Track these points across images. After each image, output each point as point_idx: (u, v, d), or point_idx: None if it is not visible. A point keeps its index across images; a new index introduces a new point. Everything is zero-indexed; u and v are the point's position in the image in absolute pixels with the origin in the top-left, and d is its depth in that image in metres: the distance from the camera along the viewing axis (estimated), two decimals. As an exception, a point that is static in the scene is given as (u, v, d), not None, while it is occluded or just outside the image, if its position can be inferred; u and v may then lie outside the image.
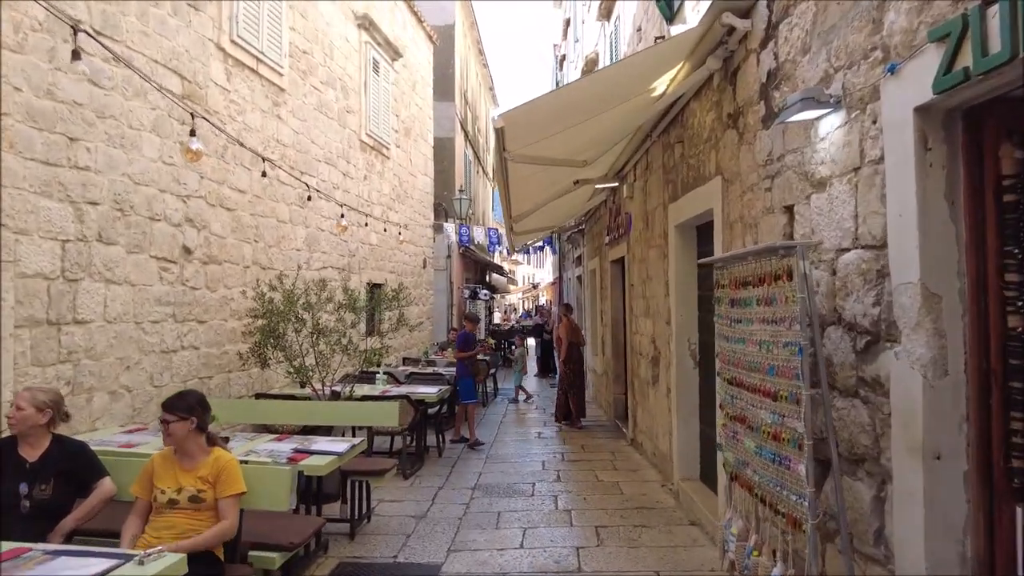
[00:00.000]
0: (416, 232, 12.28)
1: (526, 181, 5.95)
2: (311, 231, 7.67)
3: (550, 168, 5.79)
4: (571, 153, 4.99)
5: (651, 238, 6.26)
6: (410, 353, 11.54)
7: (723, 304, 3.11)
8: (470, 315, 8.49)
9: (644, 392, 6.81)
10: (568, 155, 4.96)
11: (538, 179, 6.03)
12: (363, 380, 7.46)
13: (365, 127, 9.46)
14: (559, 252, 23.10)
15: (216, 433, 2.86)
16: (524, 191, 6.30)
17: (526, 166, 5.28)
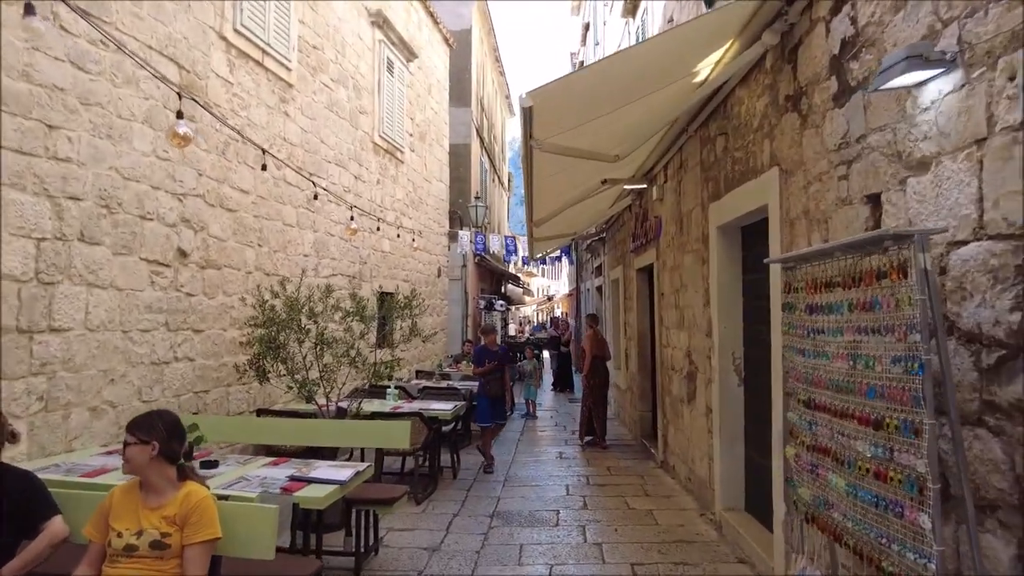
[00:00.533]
0: (430, 240, 11.88)
1: (551, 180, 5.51)
2: (320, 236, 7.27)
3: (576, 166, 5.35)
4: (601, 147, 4.54)
5: (686, 243, 5.78)
6: (423, 366, 11.09)
7: (796, 311, 2.62)
8: (485, 327, 7.86)
9: (677, 411, 6.29)
10: (598, 149, 4.50)
11: (563, 178, 5.58)
12: (373, 395, 7.03)
13: (378, 129, 9.09)
14: (576, 262, 22.64)
15: (191, 465, 2.41)
16: (548, 191, 5.86)
17: (552, 163, 4.84)
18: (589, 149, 4.37)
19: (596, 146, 4.46)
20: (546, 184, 5.50)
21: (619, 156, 4.74)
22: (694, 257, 5.50)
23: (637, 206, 8.17)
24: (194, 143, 5.04)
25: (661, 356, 7.01)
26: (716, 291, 4.78)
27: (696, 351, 5.52)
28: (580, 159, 4.89)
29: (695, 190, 5.45)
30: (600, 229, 12.47)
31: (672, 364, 6.50)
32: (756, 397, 4.51)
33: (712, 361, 4.90)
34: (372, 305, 4.95)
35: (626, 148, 4.77)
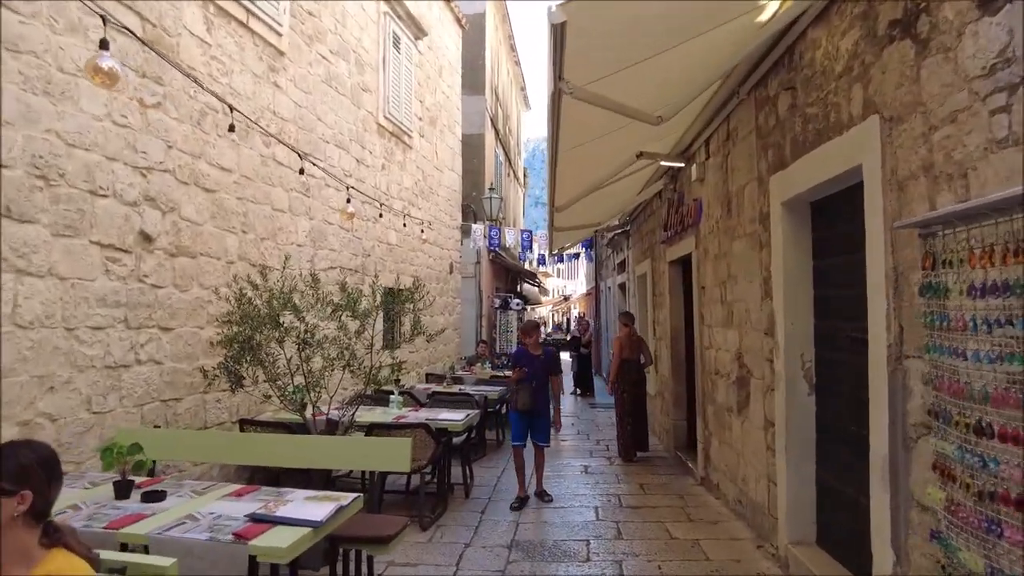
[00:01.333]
0: (442, 233, 11.17)
1: (579, 154, 4.77)
2: (316, 224, 6.58)
3: (608, 136, 4.60)
4: (643, 103, 3.78)
5: (736, 226, 5.00)
6: (434, 368, 10.39)
7: (948, 295, 1.85)
8: (527, 325, 6.21)
9: (723, 421, 5.51)
10: (639, 105, 3.75)
11: (592, 151, 4.84)
12: (377, 401, 6.33)
13: (383, 109, 8.39)
14: (595, 260, 21.88)
15: (66, 525, 1.69)
16: (574, 168, 5.12)
17: (580, 130, 4.10)
18: (629, 104, 3.61)
19: (636, 101, 3.70)
20: (572, 158, 4.75)
21: (662, 118, 3.98)
22: (747, 242, 4.72)
23: (670, 190, 7.39)
24: (162, 110, 4.37)
25: (702, 359, 6.22)
26: (780, 281, 4.00)
27: (749, 352, 4.74)
28: (613, 124, 4.14)
29: (748, 163, 4.67)
30: (624, 221, 11.69)
31: (716, 368, 5.71)
32: (831, 408, 3.73)
33: (774, 365, 4.12)
34: (371, 297, 4.21)
35: (670, 108, 4.01)
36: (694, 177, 6.12)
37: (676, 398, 7.70)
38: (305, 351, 4.08)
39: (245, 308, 4.06)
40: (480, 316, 14.83)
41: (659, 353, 8.75)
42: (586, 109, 3.42)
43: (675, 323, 7.75)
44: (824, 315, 3.81)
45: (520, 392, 5.77)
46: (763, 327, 4.39)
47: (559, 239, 9.94)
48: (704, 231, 6.05)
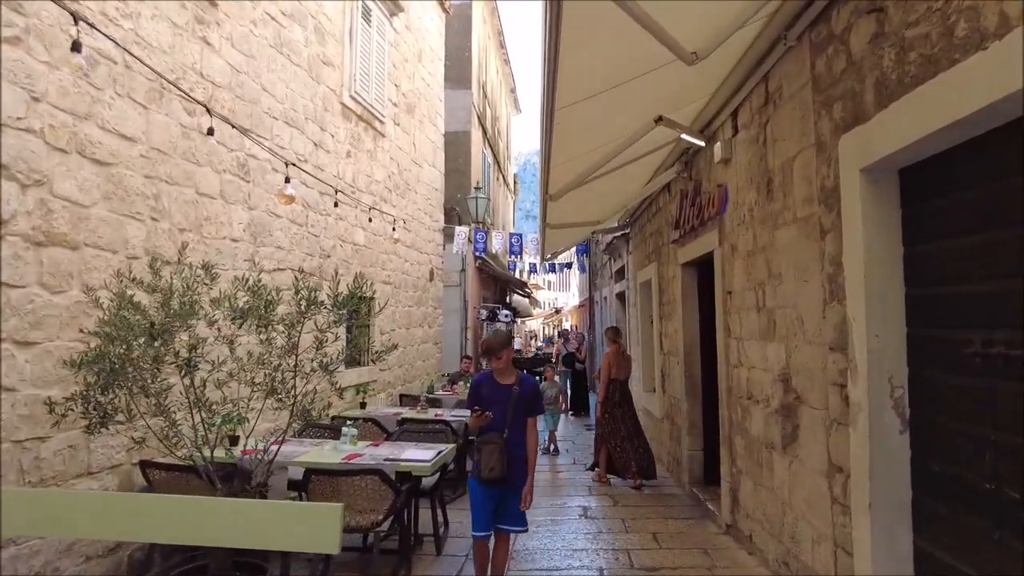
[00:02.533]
0: (420, 235, 10.12)
1: (582, 116, 3.75)
2: (258, 215, 5.51)
3: (621, 91, 3.59)
4: (673, 30, 2.76)
5: (781, 211, 3.99)
6: (411, 388, 9.29)
7: None
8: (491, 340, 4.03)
9: (759, 458, 4.46)
10: (667, 33, 2.73)
11: (599, 109, 3.82)
12: (334, 432, 5.25)
13: (349, 87, 7.37)
14: (589, 269, 20.94)
15: None
16: (576, 133, 4.10)
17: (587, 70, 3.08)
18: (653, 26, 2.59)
19: (664, 24, 2.68)
20: (574, 120, 3.73)
21: (698, 55, 2.96)
22: (799, 230, 3.70)
23: (684, 179, 6.39)
24: (24, 48, 3.31)
25: (728, 379, 5.18)
26: (859, 277, 2.96)
27: (802, 373, 3.70)
28: (631, 65, 3.12)
29: (800, 128, 3.66)
30: (624, 223, 10.70)
31: (749, 391, 4.67)
32: (939, 453, 2.69)
33: (847, 391, 3.08)
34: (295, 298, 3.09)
35: (708, 43, 3.00)
36: (717, 158, 5.12)
37: (691, 424, 6.64)
38: (190, 374, 2.97)
39: (124, 316, 2.97)
40: (465, 328, 13.76)
41: (668, 371, 7.71)
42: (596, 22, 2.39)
43: (689, 336, 6.71)
44: (923, 322, 2.78)
45: (484, 450, 3.73)
46: (826, 340, 3.35)
47: (552, 240, 8.91)
48: (731, 223, 5.03)
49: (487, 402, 3.80)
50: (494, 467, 3.67)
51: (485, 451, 3.72)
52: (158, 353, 2.81)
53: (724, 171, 5.16)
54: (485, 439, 3.77)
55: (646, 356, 9.58)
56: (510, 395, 3.81)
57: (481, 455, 3.74)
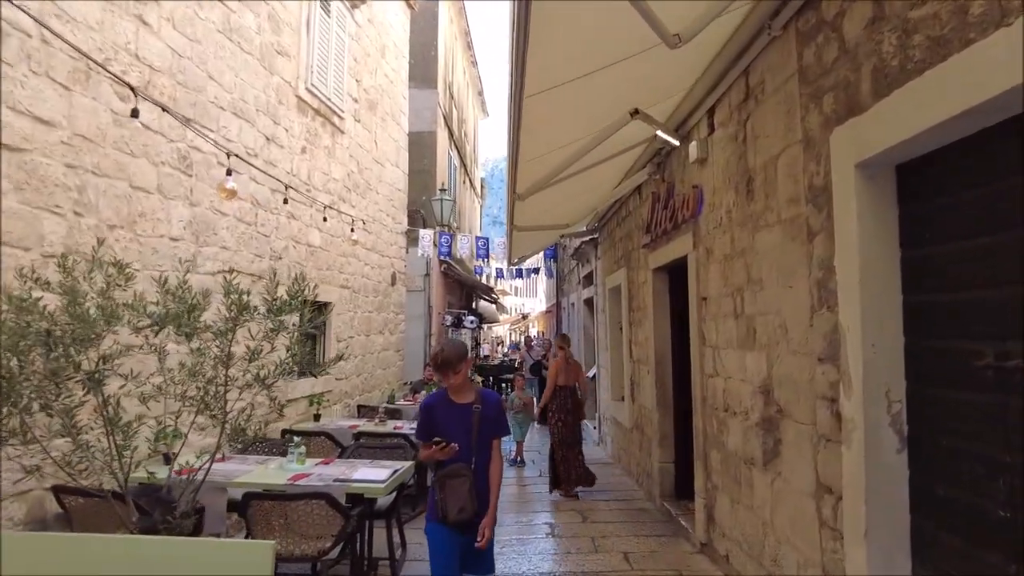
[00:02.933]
0: (382, 238, 9.73)
1: (552, 105, 3.48)
2: (201, 212, 5.09)
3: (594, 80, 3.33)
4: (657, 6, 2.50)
5: (762, 212, 3.76)
6: (370, 398, 8.89)
7: None
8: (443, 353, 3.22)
9: (737, 474, 4.23)
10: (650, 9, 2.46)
11: (571, 100, 3.55)
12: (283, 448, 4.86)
13: (306, 80, 6.98)
14: (557, 274, 20.76)
15: None
16: (546, 123, 3.82)
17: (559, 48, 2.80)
18: None
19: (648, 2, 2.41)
20: (544, 109, 3.45)
21: (680, 38, 2.70)
22: (783, 232, 3.48)
23: (656, 180, 6.17)
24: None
25: (703, 389, 4.95)
26: (854, 281, 2.74)
27: (786, 385, 3.47)
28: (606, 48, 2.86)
29: (785, 123, 3.44)
30: (592, 227, 10.49)
31: (726, 403, 4.44)
32: (940, 474, 2.46)
33: (839, 406, 2.85)
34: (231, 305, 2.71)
35: (692, 25, 2.74)
36: (693, 158, 4.90)
37: (662, 436, 6.41)
38: (96, 390, 2.57)
39: (20, 322, 2.55)
40: (429, 335, 13.38)
41: (638, 380, 7.48)
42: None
43: (660, 343, 6.49)
44: (922, 332, 2.56)
45: (449, 486, 3.08)
46: (814, 350, 3.12)
47: (519, 244, 8.63)
48: (707, 226, 4.81)
49: (444, 429, 3.13)
50: (464, 507, 3.01)
51: (451, 487, 3.05)
52: (57, 366, 2.41)
53: (699, 172, 4.94)
54: (450, 472, 3.09)
55: (615, 364, 9.35)
56: (471, 417, 3.18)
57: (445, 493, 3.05)
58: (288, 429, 6.03)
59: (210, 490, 3.95)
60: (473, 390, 3.33)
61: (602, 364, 10.80)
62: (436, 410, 3.25)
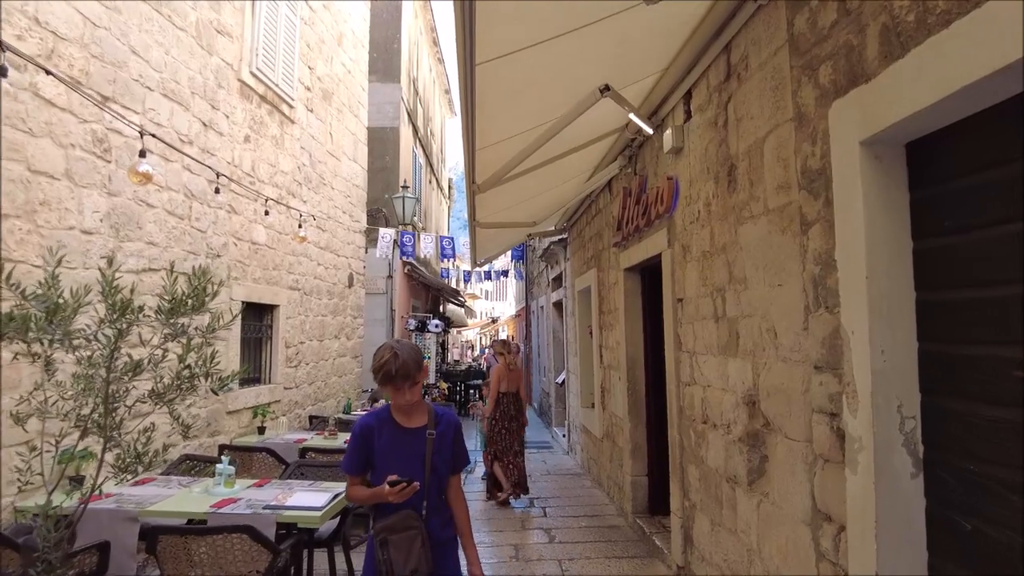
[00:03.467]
0: (338, 237, 9.21)
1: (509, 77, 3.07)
2: (122, 203, 4.55)
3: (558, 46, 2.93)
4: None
5: (747, 203, 3.40)
6: (323, 408, 8.36)
7: None
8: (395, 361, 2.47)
9: (718, 493, 3.85)
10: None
11: (532, 72, 3.15)
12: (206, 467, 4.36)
13: (250, 63, 6.46)
14: (525, 277, 20.41)
15: None
16: (504, 100, 3.41)
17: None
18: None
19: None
20: (501, 82, 3.04)
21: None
22: (772, 223, 3.11)
23: (628, 174, 5.81)
24: None
25: (679, 399, 4.58)
26: (860, 278, 2.36)
27: (776, 395, 3.10)
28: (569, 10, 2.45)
29: (772, 101, 3.08)
30: (561, 227, 10.11)
31: (705, 414, 4.07)
32: (961, 503, 2.10)
33: (844, 421, 2.48)
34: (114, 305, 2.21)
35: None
36: (667, 148, 4.53)
37: (634, 447, 6.03)
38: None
39: None
40: (392, 340, 12.84)
41: (608, 386, 7.11)
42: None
43: (632, 348, 6.12)
44: (939, 336, 2.20)
45: (394, 542, 2.37)
46: (809, 357, 2.75)
47: (484, 244, 8.19)
48: (683, 221, 4.44)
49: (387, 460, 2.47)
50: (416, 568, 2.33)
51: (395, 543, 2.35)
52: None
53: (675, 162, 4.58)
54: (396, 523, 2.39)
55: (585, 369, 8.98)
56: (423, 445, 2.50)
57: (389, 551, 2.34)
58: (227, 444, 5.51)
59: (119, 520, 3.45)
60: (426, 410, 2.62)
61: (571, 369, 10.43)
62: (376, 435, 2.53)
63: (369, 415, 2.68)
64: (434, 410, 2.67)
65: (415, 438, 2.54)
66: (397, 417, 2.58)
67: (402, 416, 2.58)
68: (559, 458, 10.24)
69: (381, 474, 2.45)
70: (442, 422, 2.62)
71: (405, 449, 2.52)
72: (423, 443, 2.53)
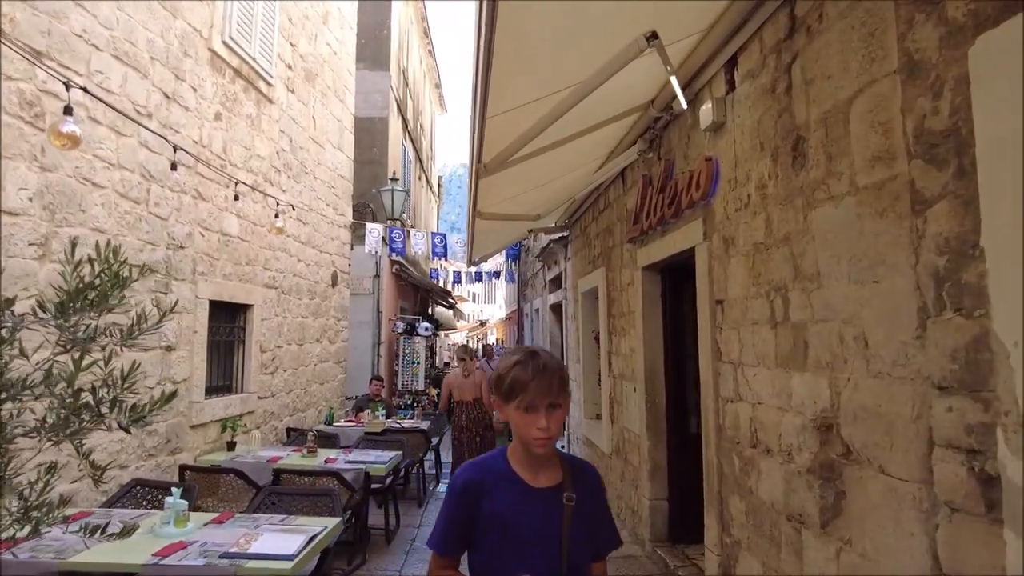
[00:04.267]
0: (321, 231, 8.54)
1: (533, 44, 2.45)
2: (60, 180, 3.88)
3: None
4: None
5: (818, 183, 2.81)
6: (303, 419, 7.69)
7: None
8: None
9: (777, 533, 3.25)
10: None
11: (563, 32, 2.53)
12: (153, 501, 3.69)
13: (223, 31, 5.80)
14: (518, 279, 19.84)
15: None
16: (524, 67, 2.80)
17: None
18: None
19: None
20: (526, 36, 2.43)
21: None
22: (865, 204, 2.51)
23: (651, 158, 5.22)
24: None
25: (718, 416, 3.97)
26: (1018, 269, 1.76)
27: (863, 420, 2.50)
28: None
29: (863, 53, 2.49)
30: (562, 224, 9.51)
31: (754, 437, 3.47)
32: None
33: (998, 461, 1.87)
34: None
35: None
36: (706, 123, 3.94)
37: (653, 467, 5.42)
38: None
39: None
40: (378, 344, 12.19)
41: (619, 397, 6.50)
42: None
43: (651, 356, 5.51)
44: None
45: None
46: (928, 372, 2.15)
47: (482, 239, 7.55)
48: (724, 208, 3.85)
49: (504, 538, 1.64)
50: None
51: None
52: None
53: (713, 141, 3.99)
54: None
55: (589, 378, 8.39)
56: (558, 515, 1.66)
57: None
58: (189, 465, 4.83)
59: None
60: (558, 459, 1.76)
61: (572, 378, 9.82)
62: (487, 496, 1.67)
63: (472, 465, 1.76)
64: (568, 462, 1.77)
65: (547, 504, 1.66)
66: (519, 469, 1.69)
67: (527, 468, 1.69)
68: (558, 472, 9.61)
69: (492, 560, 1.64)
70: (584, 480, 1.75)
71: (531, 521, 1.65)
72: (558, 513, 1.65)
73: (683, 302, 5.37)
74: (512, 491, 1.66)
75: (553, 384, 1.62)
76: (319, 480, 4.51)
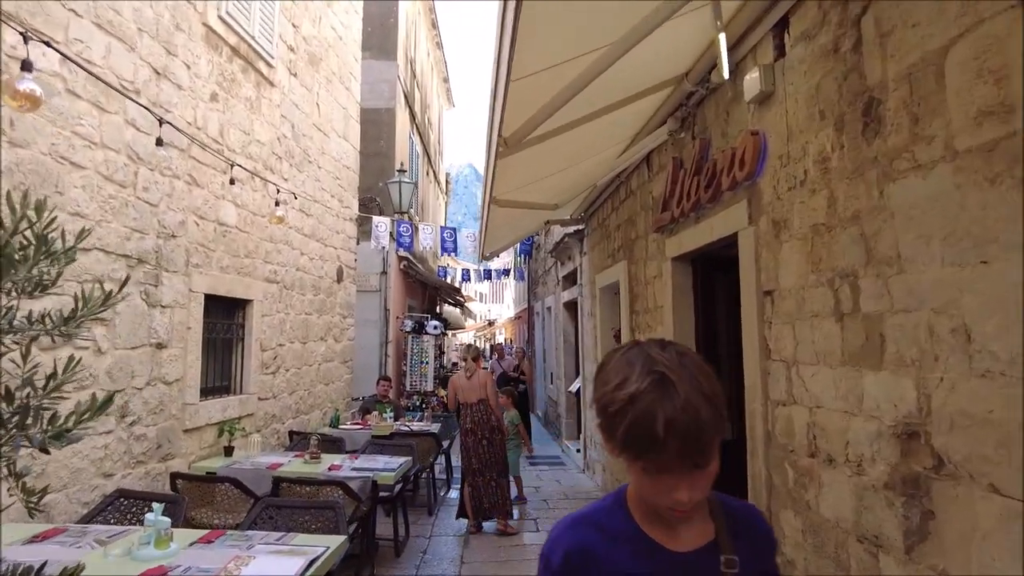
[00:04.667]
0: (326, 224, 8.19)
1: None
2: (33, 157, 3.55)
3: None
4: None
5: (898, 152, 2.44)
6: (307, 421, 7.35)
7: None
8: None
9: (845, 556, 2.87)
10: None
11: None
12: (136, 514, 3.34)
13: (219, 6, 5.46)
14: (528, 277, 19.48)
15: None
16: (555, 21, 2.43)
17: None
18: None
19: None
20: None
21: None
22: (965, 171, 2.13)
23: (683, 138, 4.84)
24: None
25: (767, 421, 3.59)
26: None
27: (962, 426, 2.12)
28: None
29: (968, -13, 2.10)
30: (577, 217, 9.13)
31: (813, 445, 3.08)
32: None
33: None
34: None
35: None
36: (751, 95, 3.56)
37: (684, 475, 5.03)
38: None
39: None
40: (385, 343, 11.85)
41: (644, 399, 6.11)
42: None
43: (681, 355, 5.11)
44: None
45: None
46: (1061, 372, 1.76)
47: (495, 231, 7.17)
48: (774, 188, 3.46)
49: None
50: None
51: None
52: None
53: (759, 114, 3.61)
54: None
55: (607, 378, 7.98)
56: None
57: None
58: (181, 472, 4.49)
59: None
60: (706, 507, 1.15)
61: (588, 377, 9.44)
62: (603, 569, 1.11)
63: (575, 523, 1.19)
64: (723, 506, 1.18)
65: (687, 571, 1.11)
66: (647, 526, 1.13)
67: (660, 522, 1.12)
68: (574, 477, 9.25)
69: None
70: (749, 533, 1.18)
71: None
72: None
73: (716, 295, 4.99)
74: (639, 558, 1.11)
75: (703, 436, 0.98)
76: (322, 490, 4.16)
